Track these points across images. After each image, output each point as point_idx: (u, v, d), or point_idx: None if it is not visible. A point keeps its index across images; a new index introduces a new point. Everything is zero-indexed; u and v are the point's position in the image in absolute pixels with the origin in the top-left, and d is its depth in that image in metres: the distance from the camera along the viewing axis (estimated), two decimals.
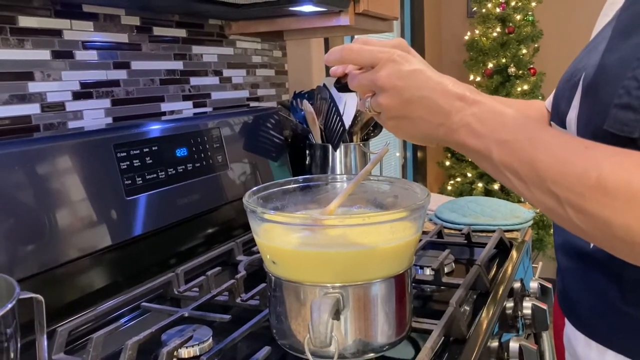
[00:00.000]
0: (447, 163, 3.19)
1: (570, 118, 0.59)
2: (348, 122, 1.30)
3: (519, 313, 0.89)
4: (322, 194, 0.75)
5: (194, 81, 1.23)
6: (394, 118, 0.56)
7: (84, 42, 0.96)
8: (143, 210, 0.92)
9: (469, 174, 3.09)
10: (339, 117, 1.26)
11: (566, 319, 0.67)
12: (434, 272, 0.84)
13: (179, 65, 1.18)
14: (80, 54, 0.96)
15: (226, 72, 1.34)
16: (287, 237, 0.61)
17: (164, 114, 1.15)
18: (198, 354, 0.67)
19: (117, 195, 0.88)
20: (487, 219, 1.16)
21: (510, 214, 1.18)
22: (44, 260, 0.76)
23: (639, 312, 0.54)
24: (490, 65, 3.02)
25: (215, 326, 0.72)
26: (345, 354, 0.60)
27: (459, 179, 3.14)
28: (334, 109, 1.26)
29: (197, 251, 1.04)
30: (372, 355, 0.61)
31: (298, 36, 1.52)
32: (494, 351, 0.75)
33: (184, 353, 0.67)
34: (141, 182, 0.92)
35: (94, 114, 1.00)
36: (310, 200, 0.74)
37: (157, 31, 1.12)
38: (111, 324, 0.69)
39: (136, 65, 1.08)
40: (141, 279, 0.91)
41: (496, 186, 2.98)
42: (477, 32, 3.07)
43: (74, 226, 0.81)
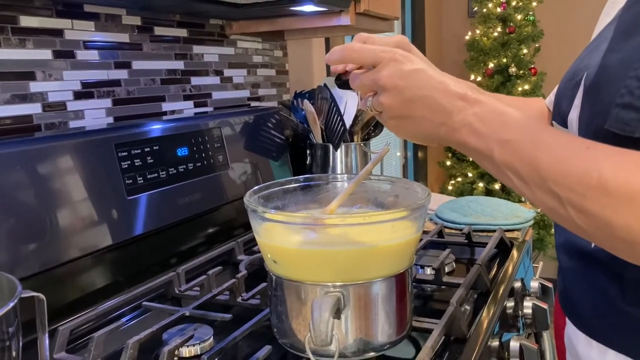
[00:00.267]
0: (448, 163, 3.19)
1: (572, 118, 0.59)
2: (349, 121, 1.30)
3: (520, 312, 0.89)
4: (323, 194, 0.76)
5: (195, 81, 1.23)
6: (395, 117, 0.56)
7: (85, 41, 0.97)
8: (144, 209, 0.92)
9: (469, 174, 3.08)
10: (339, 117, 1.26)
11: (567, 319, 0.67)
12: (434, 272, 0.84)
13: (179, 65, 1.19)
14: (81, 54, 0.96)
15: (227, 72, 1.34)
16: (288, 237, 0.61)
17: (165, 113, 1.15)
18: (199, 353, 0.67)
19: (118, 194, 0.88)
20: (488, 218, 1.16)
21: (511, 213, 1.18)
22: (46, 260, 0.76)
23: (639, 311, 0.54)
24: (491, 65, 3.02)
25: (216, 325, 0.72)
26: (345, 352, 0.60)
27: (459, 179, 3.14)
28: (334, 108, 1.26)
29: (198, 250, 1.05)
30: (372, 354, 0.61)
31: (299, 36, 1.52)
32: (494, 350, 0.75)
33: (184, 352, 0.67)
34: (142, 181, 0.92)
35: (95, 113, 1.00)
36: (311, 199, 0.75)
37: (158, 31, 1.13)
38: (112, 323, 0.69)
39: (137, 65, 1.08)
40: (142, 278, 0.91)
41: (497, 186, 2.98)
42: (478, 32, 3.07)
43: (75, 225, 0.81)
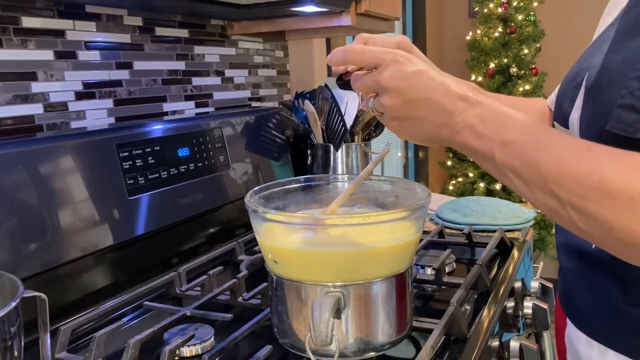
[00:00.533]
0: (449, 163, 3.18)
1: (573, 118, 0.59)
2: (349, 122, 1.30)
3: (520, 313, 0.89)
4: (324, 194, 0.76)
5: (196, 81, 1.24)
6: (397, 119, 0.56)
7: (86, 42, 0.97)
8: (145, 209, 0.92)
9: (470, 174, 3.08)
10: (340, 117, 1.26)
11: (568, 319, 0.67)
12: (435, 272, 0.84)
13: (181, 65, 1.19)
14: (83, 54, 0.96)
15: (228, 72, 1.34)
16: (289, 237, 0.61)
17: (166, 114, 1.15)
18: (200, 352, 0.67)
19: (119, 194, 0.88)
20: (488, 218, 1.16)
21: (512, 213, 1.18)
22: (47, 259, 0.77)
23: None
24: (492, 65, 3.02)
25: (217, 325, 0.73)
26: (346, 352, 0.60)
27: (460, 179, 3.14)
28: (335, 109, 1.26)
29: (199, 250, 1.05)
30: (372, 354, 0.62)
31: (300, 36, 1.52)
32: (494, 350, 0.75)
33: (185, 352, 0.67)
34: (143, 181, 0.92)
35: (97, 114, 1.00)
36: (311, 200, 0.75)
37: (160, 31, 1.13)
38: (114, 323, 0.69)
39: (138, 65, 1.08)
40: (143, 278, 0.91)
41: (498, 186, 2.98)
42: (479, 32, 3.07)
43: (77, 225, 0.81)
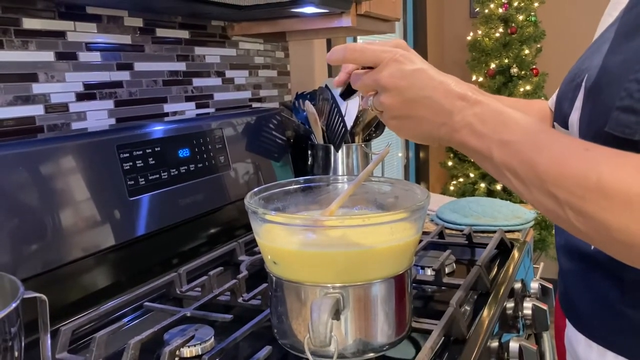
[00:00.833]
0: (450, 163, 3.18)
1: (573, 119, 0.59)
2: (350, 122, 1.30)
3: (520, 313, 0.89)
4: (324, 195, 0.76)
5: (197, 82, 1.24)
6: (396, 117, 0.57)
7: (87, 43, 0.97)
8: (146, 210, 0.92)
9: (471, 174, 3.08)
10: (340, 118, 1.26)
11: (567, 320, 0.67)
12: (434, 273, 0.85)
13: (181, 66, 1.19)
14: (83, 55, 0.97)
15: (229, 73, 1.34)
16: (288, 238, 0.62)
17: (167, 114, 1.16)
18: (200, 353, 0.67)
19: (120, 195, 0.88)
20: (488, 219, 1.16)
21: (512, 214, 1.18)
22: (48, 260, 0.77)
23: (639, 314, 0.54)
24: (493, 65, 3.01)
25: (217, 326, 0.73)
26: (345, 353, 0.60)
27: (461, 179, 3.14)
28: (335, 109, 1.26)
29: (199, 251, 1.05)
30: (372, 355, 0.62)
31: (300, 37, 1.53)
32: (494, 351, 0.75)
33: (185, 352, 0.67)
34: (144, 182, 0.93)
35: (97, 114, 1.00)
36: (311, 201, 0.75)
37: (160, 32, 1.13)
38: (114, 324, 0.70)
39: (139, 66, 1.08)
40: (144, 278, 0.91)
41: (498, 187, 2.98)
42: (480, 32, 3.07)
43: (77, 226, 0.81)
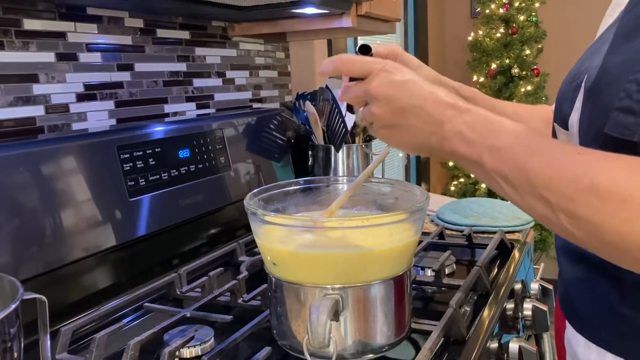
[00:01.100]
0: (451, 163, 3.18)
1: (573, 120, 0.59)
2: (350, 123, 1.30)
3: (520, 314, 0.89)
4: (324, 196, 0.76)
5: (197, 83, 1.24)
6: (386, 127, 0.57)
7: (88, 44, 0.97)
8: (146, 211, 0.92)
9: (472, 175, 3.08)
10: (341, 118, 1.26)
11: (567, 321, 0.67)
12: (434, 273, 0.85)
13: (182, 66, 1.19)
14: (84, 56, 0.97)
15: (229, 74, 1.35)
16: (288, 239, 0.62)
17: (167, 115, 1.16)
18: (200, 354, 0.67)
19: (120, 196, 0.88)
20: (489, 220, 1.16)
21: (512, 215, 1.18)
22: (49, 261, 0.77)
23: (638, 315, 0.54)
24: (494, 66, 3.01)
25: (217, 326, 0.73)
26: (344, 354, 0.60)
27: (462, 180, 3.14)
28: (336, 110, 1.26)
29: (199, 252, 1.05)
30: (371, 356, 0.62)
31: (301, 38, 1.53)
32: (493, 352, 0.75)
33: (185, 353, 0.67)
34: (144, 183, 0.93)
35: (98, 115, 1.00)
36: (311, 201, 0.75)
37: (161, 33, 1.13)
38: (114, 324, 0.70)
39: (140, 67, 1.08)
40: (144, 279, 0.91)
41: None
42: (481, 32, 3.06)
43: (78, 227, 0.81)
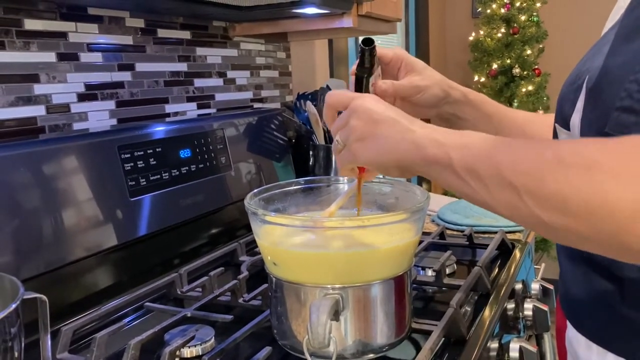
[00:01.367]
0: None
1: (574, 121, 0.59)
2: None
3: (520, 314, 0.89)
4: (324, 196, 0.76)
5: (198, 83, 1.24)
6: (360, 139, 0.57)
7: (88, 44, 0.97)
8: (147, 211, 0.93)
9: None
10: None
11: (568, 321, 0.67)
12: (435, 273, 0.84)
13: (183, 66, 1.19)
14: (85, 56, 0.97)
15: (230, 74, 1.35)
16: (288, 239, 0.62)
17: (168, 115, 1.16)
18: (200, 353, 0.67)
19: (121, 196, 0.88)
20: (490, 220, 1.16)
21: None
22: (49, 260, 0.77)
23: (638, 315, 0.54)
24: (495, 66, 3.01)
25: (218, 326, 0.73)
26: (345, 354, 0.60)
27: None
28: None
29: (200, 251, 1.05)
30: (371, 356, 0.62)
31: (302, 38, 1.53)
32: (494, 352, 0.75)
33: (186, 353, 0.67)
34: (145, 183, 0.93)
35: (99, 115, 1.01)
36: (311, 202, 0.75)
37: (162, 33, 1.13)
38: (115, 324, 0.70)
39: (140, 67, 1.09)
40: (145, 279, 0.91)
41: None
42: (482, 32, 3.06)
43: (79, 227, 0.81)
